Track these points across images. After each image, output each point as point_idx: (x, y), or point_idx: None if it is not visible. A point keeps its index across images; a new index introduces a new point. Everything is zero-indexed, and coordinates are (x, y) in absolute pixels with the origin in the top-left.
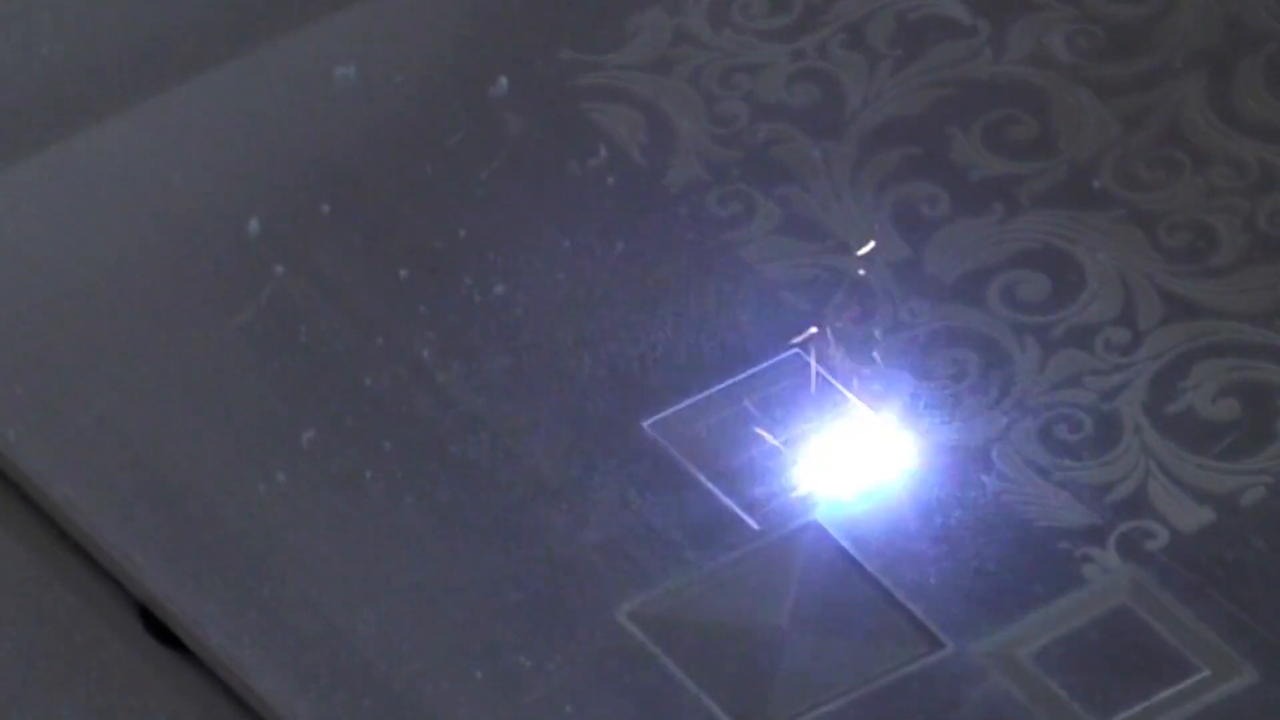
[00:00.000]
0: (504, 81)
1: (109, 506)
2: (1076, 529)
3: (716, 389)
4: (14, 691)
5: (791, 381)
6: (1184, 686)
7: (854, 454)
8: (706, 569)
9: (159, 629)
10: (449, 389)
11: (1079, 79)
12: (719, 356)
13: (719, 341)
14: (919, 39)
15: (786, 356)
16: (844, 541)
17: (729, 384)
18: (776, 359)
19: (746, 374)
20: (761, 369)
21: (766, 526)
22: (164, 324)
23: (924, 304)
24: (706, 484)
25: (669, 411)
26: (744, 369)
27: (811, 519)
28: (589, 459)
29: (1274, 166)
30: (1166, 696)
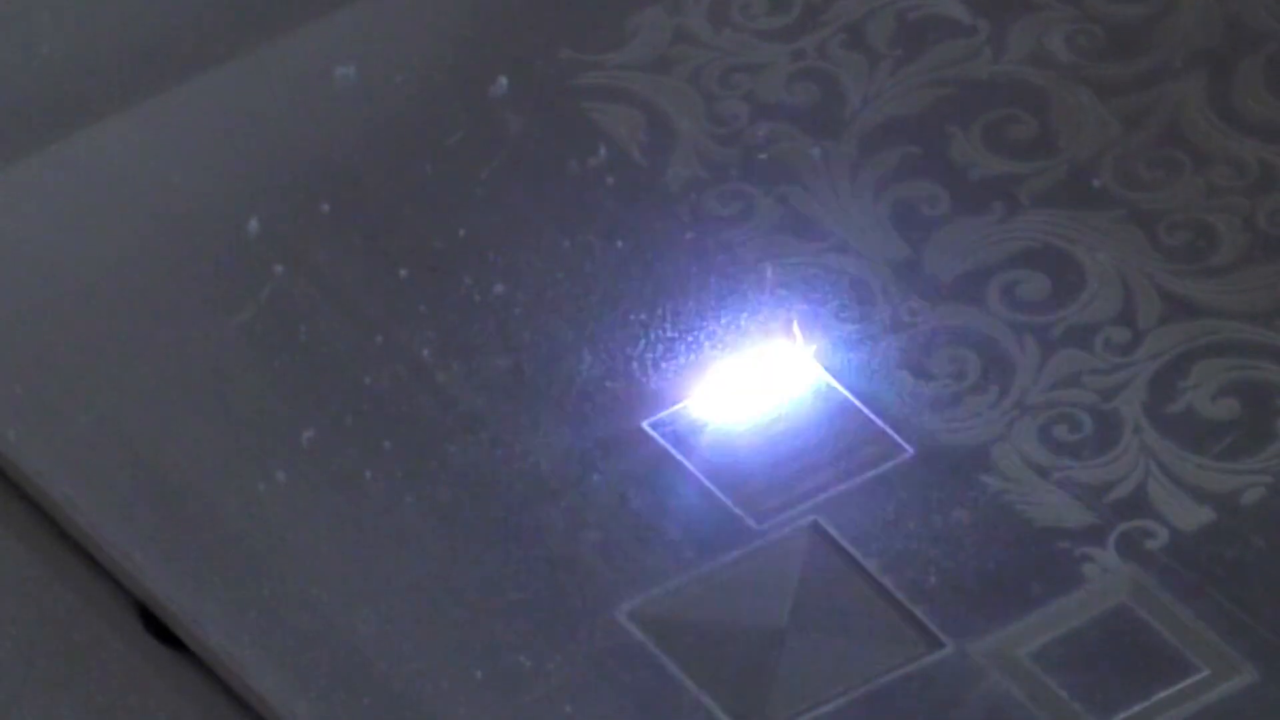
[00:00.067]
0: (504, 81)
1: (109, 506)
2: (1076, 529)
3: (716, 389)
4: (14, 691)
5: (791, 381)
6: (1184, 686)
7: (854, 454)
8: (706, 569)
9: (159, 629)
10: (449, 389)
11: (1079, 78)
12: (719, 356)
13: (719, 341)
14: (919, 39)
15: (786, 356)
16: (844, 541)
17: (729, 384)
18: (776, 359)
19: (746, 374)
20: (761, 368)
21: (766, 527)
22: (164, 324)
23: (924, 303)
24: (706, 484)
25: (669, 411)
26: (744, 368)
27: (811, 519)
28: (589, 459)
29: (1274, 166)
30: (1166, 696)
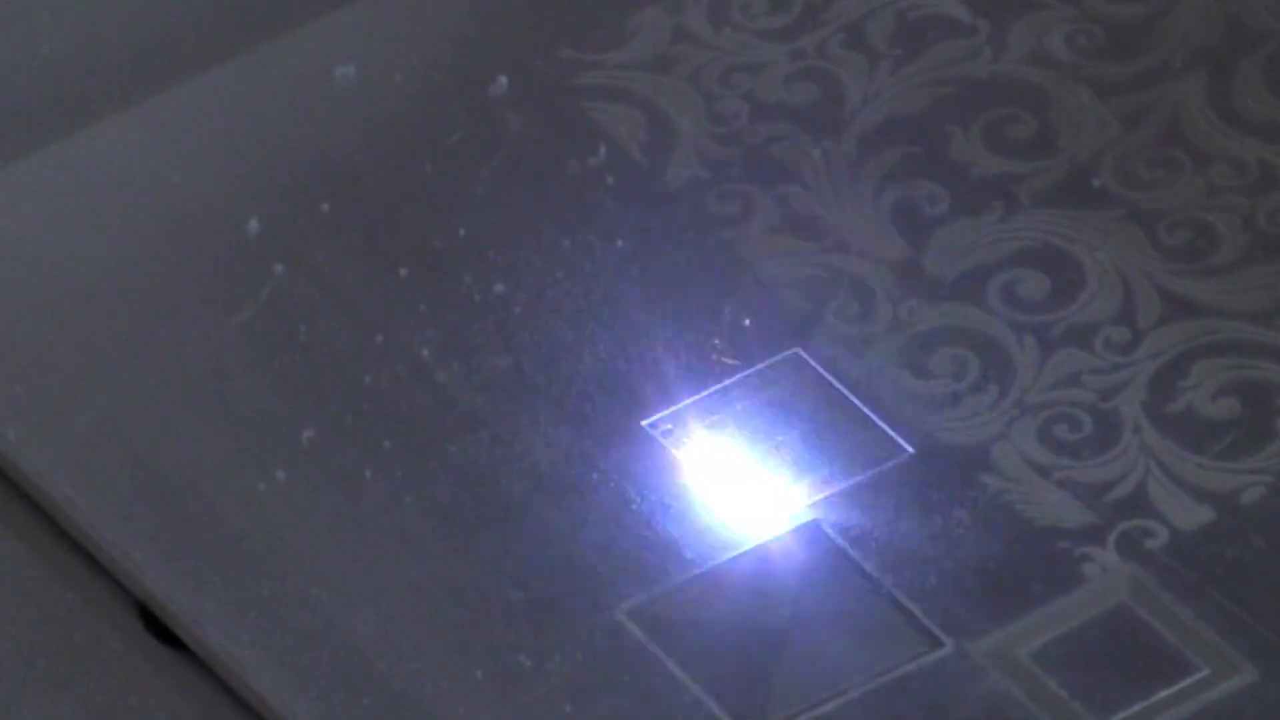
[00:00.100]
0: (504, 81)
1: (109, 506)
2: (1076, 528)
3: (716, 388)
4: (14, 691)
5: (791, 381)
6: (1183, 685)
7: (853, 453)
8: (706, 569)
9: (159, 628)
10: (449, 388)
11: (1079, 78)
12: (719, 356)
13: (718, 341)
14: (919, 38)
15: (786, 355)
16: (844, 541)
17: (729, 383)
18: (776, 358)
19: (746, 373)
20: (762, 368)
21: (766, 526)
22: (164, 324)
23: (923, 303)
24: (707, 484)
25: (669, 411)
26: (744, 368)
27: (811, 519)
28: (589, 459)
29: (1274, 166)
30: (1166, 695)
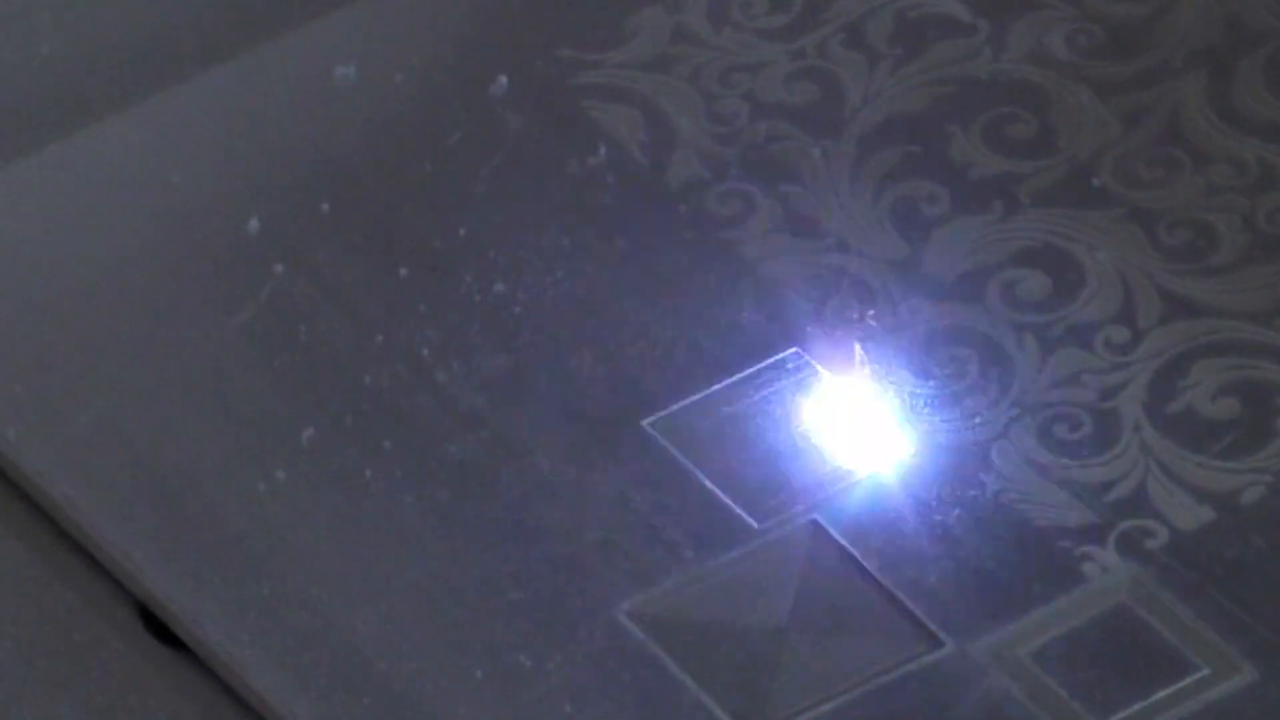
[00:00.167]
0: (504, 81)
1: (109, 506)
2: (1076, 528)
3: (716, 388)
4: (14, 691)
5: (791, 380)
6: (1183, 685)
7: (853, 453)
8: (706, 568)
9: (159, 628)
10: (449, 388)
11: (1079, 77)
12: (719, 355)
13: (719, 340)
14: (919, 37)
15: (786, 355)
16: (844, 541)
17: (729, 383)
18: (776, 357)
19: (746, 372)
20: (761, 367)
21: (766, 526)
22: (164, 324)
23: (923, 302)
24: (706, 484)
25: (669, 411)
26: (744, 367)
27: (811, 519)
28: (589, 459)
29: (1273, 165)
30: (1166, 695)
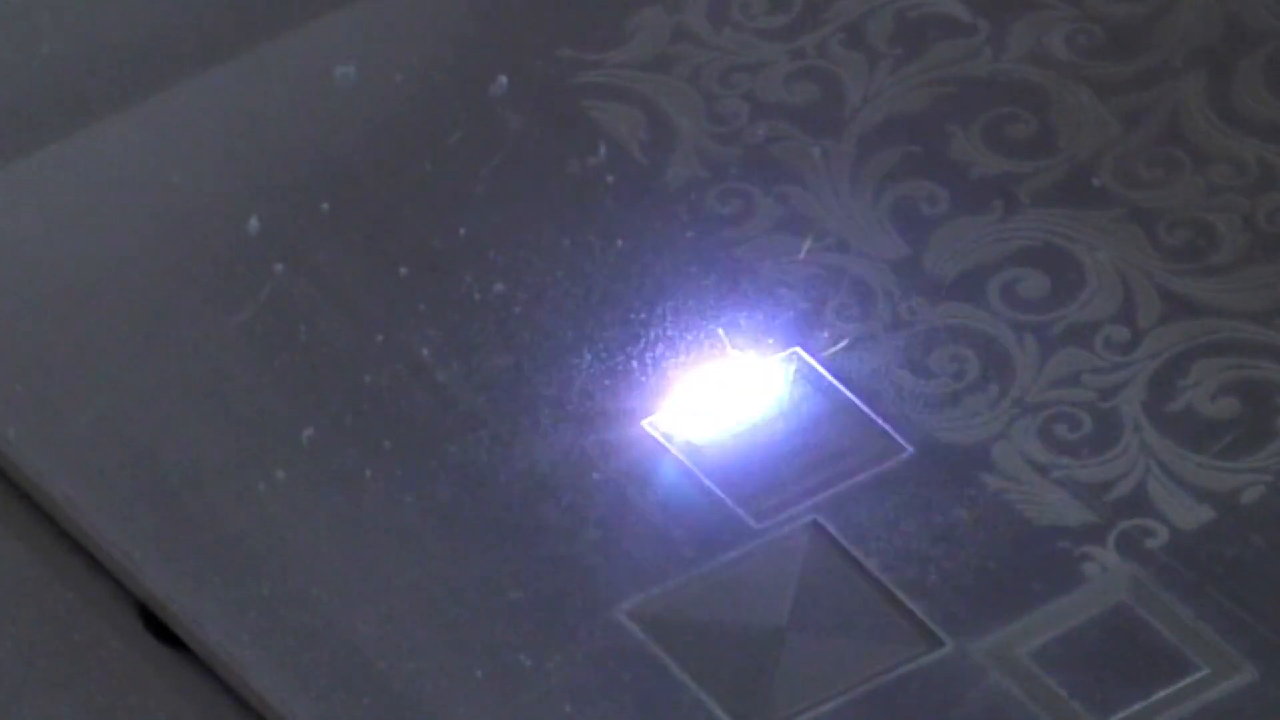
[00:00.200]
0: (504, 81)
1: (109, 506)
2: (1076, 527)
3: (716, 388)
4: (14, 691)
5: (791, 381)
6: (1183, 685)
7: (854, 453)
8: (706, 568)
9: (159, 628)
10: (449, 388)
11: (1079, 77)
12: (719, 355)
13: (719, 340)
14: (919, 37)
15: (786, 356)
16: (844, 541)
17: (729, 383)
18: (776, 358)
19: (746, 373)
20: (761, 367)
21: (766, 526)
22: (164, 324)
23: (923, 302)
24: (707, 483)
25: (669, 411)
26: (743, 367)
27: (811, 519)
28: (589, 459)
29: (1273, 165)
30: (1166, 695)
